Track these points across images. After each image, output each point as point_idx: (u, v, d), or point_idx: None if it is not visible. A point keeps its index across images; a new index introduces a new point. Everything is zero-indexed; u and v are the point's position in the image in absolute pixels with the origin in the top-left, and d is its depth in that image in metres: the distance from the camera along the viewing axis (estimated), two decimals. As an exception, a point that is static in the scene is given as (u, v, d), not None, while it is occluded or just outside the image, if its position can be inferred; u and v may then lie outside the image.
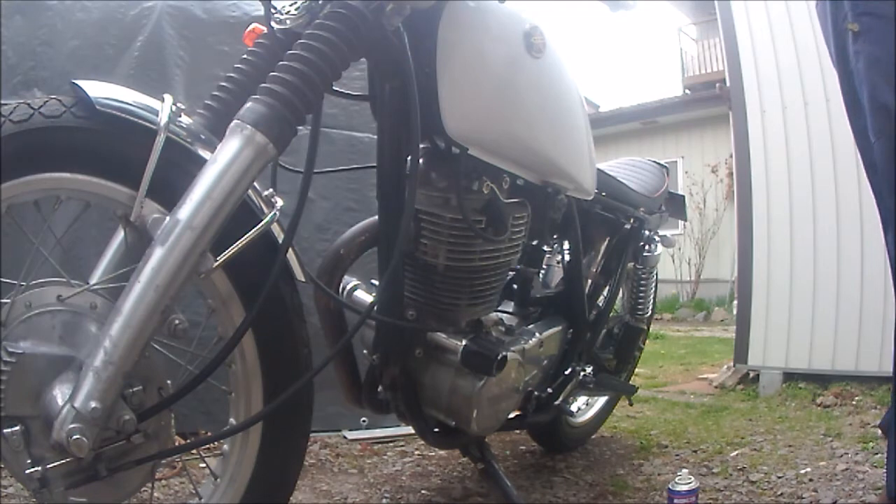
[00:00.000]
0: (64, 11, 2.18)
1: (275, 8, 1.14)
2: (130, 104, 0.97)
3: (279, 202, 1.01)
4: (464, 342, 1.28)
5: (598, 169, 1.62)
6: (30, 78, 2.10)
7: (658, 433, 2.47)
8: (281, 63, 0.97)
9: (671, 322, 8.42)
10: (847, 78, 1.50)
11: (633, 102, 12.43)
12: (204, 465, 1.21)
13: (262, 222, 0.97)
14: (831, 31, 1.52)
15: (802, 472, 1.91)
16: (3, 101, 0.95)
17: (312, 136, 1.14)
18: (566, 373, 1.65)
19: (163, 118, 0.96)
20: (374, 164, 1.22)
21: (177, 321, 0.93)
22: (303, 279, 1.09)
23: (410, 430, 1.45)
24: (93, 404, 0.83)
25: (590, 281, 1.81)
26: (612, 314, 2.01)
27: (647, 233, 2.01)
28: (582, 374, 1.68)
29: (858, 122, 1.50)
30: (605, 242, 1.87)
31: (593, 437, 2.35)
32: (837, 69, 1.54)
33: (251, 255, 0.98)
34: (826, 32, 1.56)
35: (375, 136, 1.23)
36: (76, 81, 0.96)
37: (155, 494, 1.61)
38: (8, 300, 0.90)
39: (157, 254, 0.87)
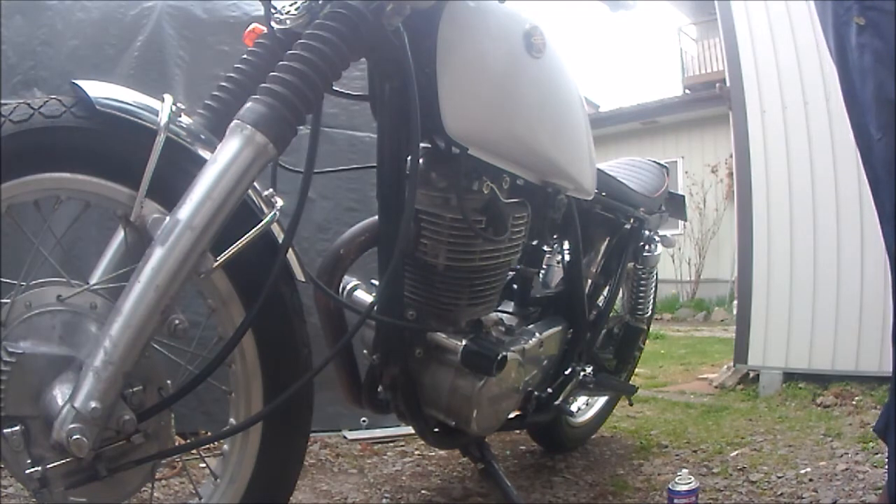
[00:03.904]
0: (64, 11, 2.18)
1: (275, 8, 1.14)
2: (130, 104, 0.97)
3: (279, 202, 1.01)
4: (464, 342, 1.28)
5: (598, 169, 1.62)
6: (30, 78, 2.11)
7: (658, 433, 2.47)
8: (281, 63, 0.97)
9: (671, 322, 8.41)
10: (846, 73, 1.50)
11: (633, 102, 12.43)
12: (204, 465, 1.21)
13: (262, 222, 0.97)
14: (831, 25, 1.51)
15: (802, 472, 1.91)
16: (3, 101, 0.94)
17: (312, 135, 1.14)
18: (566, 373, 1.65)
19: (163, 118, 0.96)
20: (375, 164, 1.23)
21: (177, 321, 0.93)
22: (303, 279, 1.09)
23: (410, 430, 1.45)
24: (93, 404, 0.83)
25: (590, 281, 1.82)
26: (612, 314, 2.01)
27: (647, 233, 2.01)
28: (582, 374, 1.68)
29: (857, 117, 1.50)
30: (605, 242, 1.87)
31: (593, 437, 2.35)
32: (837, 64, 1.54)
33: (251, 255, 0.98)
34: (826, 27, 1.56)
35: (376, 136, 1.23)
36: (76, 81, 0.96)
37: (155, 494, 1.61)
38: (8, 300, 0.90)
39: (157, 254, 0.87)
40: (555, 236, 1.63)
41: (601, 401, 2.33)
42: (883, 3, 1.36)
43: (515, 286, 1.61)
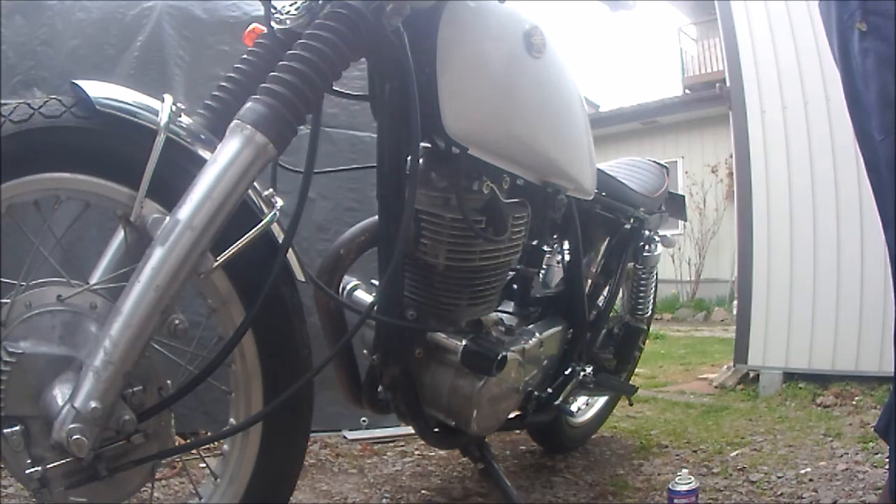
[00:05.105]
0: (64, 11, 2.18)
1: (275, 8, 1.14)
2: (130, 104, 0.97)
3: (279, 202, 1.01)
4: (464, 342, 1.28)
5: (598, 169, 1.63)
6: (30, 78, 2.10)
7: (658, 433, 2.47)
8: (281, 63, 0.97)
9: (671, 322, 8.42)
10: (850, 76, 1.51)
11: (633, 102, 12.40)
12: (204, 465, 1.21)
13: (262, 222, 0.97)
14: (835, 28, 1.52)
15: (802, 472, 1.91)
16: (3, 101, 0.94)
17: (312, 135, 1.14)
18: (566, 373, 1.65)
19: (163, 118, 0.96)
20: (375, 164, 1.23)
21: (177, 321, 0.93)
22: (303, 279, 1.09)
23: (410, 430, 1.45)
24: (93, 404, 0.83)
25: (590, 281, 1.81)
26: (612, 314, 2.01)
27: (647, 233, 2.01)
28: (582, 374, 1.68)
29: (860, 120, 1.50)
30: (605, 242, 1.87)
31: (593, 437, 2.35)
32: (840, 67, 1.55)
33: (251, 255, 0.98)
34: (829, 30, 1.57)
35: (376, 136, 1.23)
36: (76, 81, 0.96)
37: (155, 494, 1.61)
38: (8, 300, 0.90)
39: (157, 254, 0.87)
40: (555, 236, 1.63)
41: (601, 401, 2.33)
42: (886, 6, 1.36)
43: (515, 286, 1.61)
